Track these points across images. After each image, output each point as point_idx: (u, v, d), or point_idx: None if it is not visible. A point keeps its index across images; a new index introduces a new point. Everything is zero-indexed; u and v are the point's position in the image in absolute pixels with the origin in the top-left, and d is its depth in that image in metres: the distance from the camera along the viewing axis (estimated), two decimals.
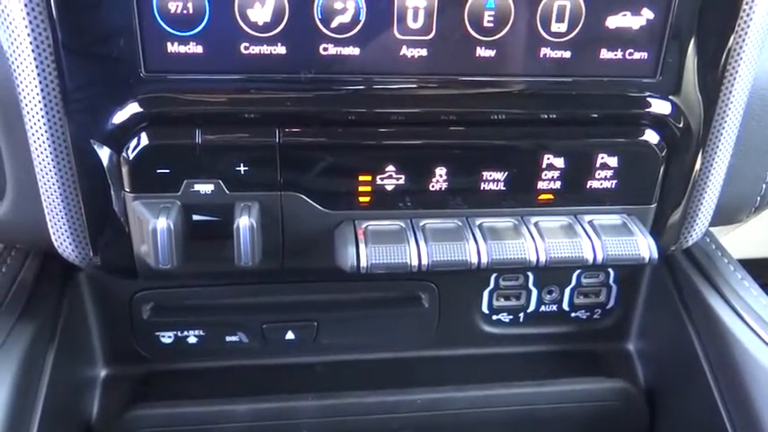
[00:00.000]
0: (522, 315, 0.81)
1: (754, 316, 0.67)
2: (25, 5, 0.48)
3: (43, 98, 0.50)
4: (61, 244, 0.57)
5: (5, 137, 0.55)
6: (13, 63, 0.50)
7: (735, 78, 0.57)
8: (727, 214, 0.68)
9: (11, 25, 0.48)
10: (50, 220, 0.56)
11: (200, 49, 0.50)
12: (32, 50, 0.49)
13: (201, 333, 0.77)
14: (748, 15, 0.54)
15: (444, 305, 0.78)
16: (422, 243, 0.55)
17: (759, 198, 0.67)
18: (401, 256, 0.54)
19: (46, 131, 0.52)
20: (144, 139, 0.51)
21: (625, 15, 0.53)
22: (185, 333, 0.77)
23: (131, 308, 0.74)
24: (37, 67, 0.49)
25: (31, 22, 0.48)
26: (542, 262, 0.55)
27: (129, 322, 0.75)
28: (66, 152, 0.52)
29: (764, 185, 0.66)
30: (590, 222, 0.58)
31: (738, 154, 0.62)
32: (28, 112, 0.51)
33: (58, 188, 0.54)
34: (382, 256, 0.54)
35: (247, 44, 0.50)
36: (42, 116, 0.51)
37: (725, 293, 0.71)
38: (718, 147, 0.60)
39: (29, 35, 0.48)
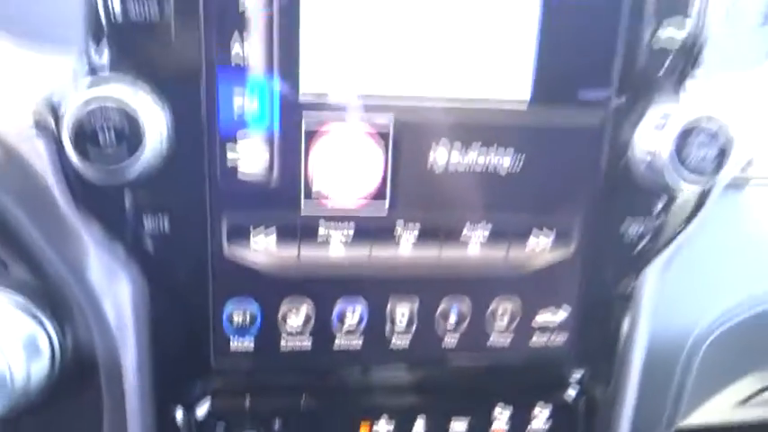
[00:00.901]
0: None
1: None
2: (131, 307, 0.70)
3: (139, 373, 0.72)
4: None
5: (108, 397, 0.76)
6: (119, 346, 0.72)
7: (633, 345, 0.79)
8: None
9: (122, 334, 0.70)
10: None
11: (252, 346, 0.72)
12: (134, 336, 0.71)
13: None
14: (638, 302, 0.77)
15: None
16: None
17: (663, 428, 0.88)
18: None
19: (138, 396, 0.73)
20: (209, 406, 0.73)
21: (548, 313, 0.76)
22: None
23: None
24: (137, 351, 0.71)
25: (136, 324, 0.71)
26: None
27: None
28: (151, 410, 0.73)
29: (665, 419, 0.87)
30: None
31: (643, 395, 0.83)
32: (126, 381, 0.73)
33: None
34: None
35: (285, 341, 0.73)
36: (136, 386, 0.72)
37: None
38: (625, 393, 0.81)
39: (133, 326, 0.71)
